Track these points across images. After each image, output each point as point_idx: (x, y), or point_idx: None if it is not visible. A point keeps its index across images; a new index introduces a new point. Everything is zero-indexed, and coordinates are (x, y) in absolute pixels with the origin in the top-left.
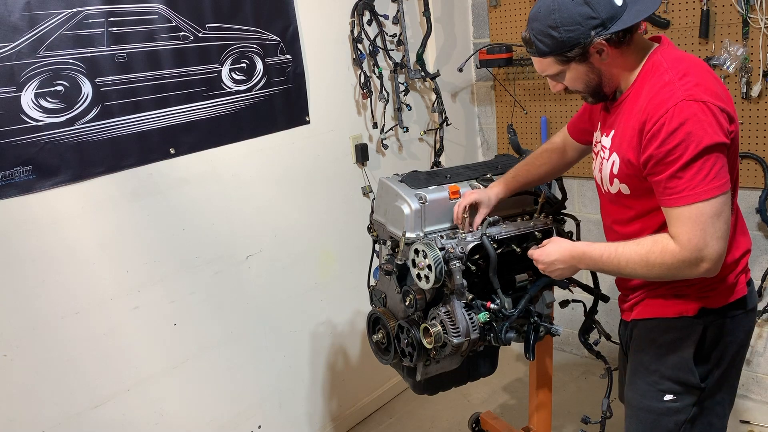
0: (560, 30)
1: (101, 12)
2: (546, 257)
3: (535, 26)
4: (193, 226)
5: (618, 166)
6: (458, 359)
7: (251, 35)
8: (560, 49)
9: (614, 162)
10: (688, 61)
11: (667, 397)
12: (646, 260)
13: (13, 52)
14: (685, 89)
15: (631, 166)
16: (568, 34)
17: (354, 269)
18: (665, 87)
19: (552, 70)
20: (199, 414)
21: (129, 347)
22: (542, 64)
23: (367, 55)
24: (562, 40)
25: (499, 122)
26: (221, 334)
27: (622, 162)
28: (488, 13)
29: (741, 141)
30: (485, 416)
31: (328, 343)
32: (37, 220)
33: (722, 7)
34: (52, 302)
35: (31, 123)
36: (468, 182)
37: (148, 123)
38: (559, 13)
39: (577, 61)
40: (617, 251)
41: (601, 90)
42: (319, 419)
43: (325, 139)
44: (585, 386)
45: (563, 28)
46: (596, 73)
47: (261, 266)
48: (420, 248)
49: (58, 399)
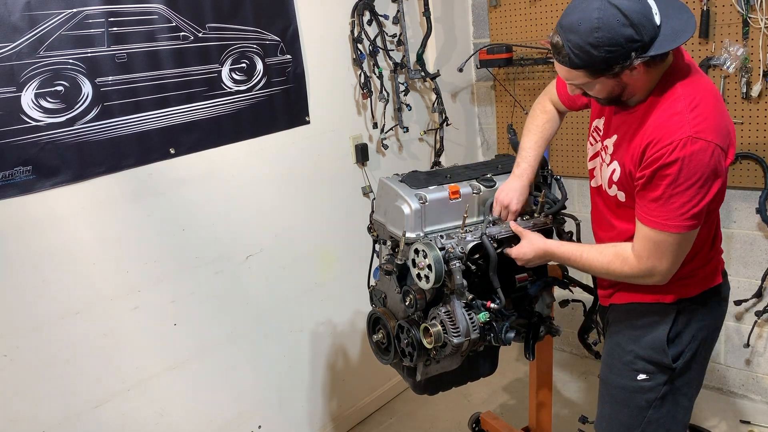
0: (601, 50)
1: (101, 12)
2: (523, 255)
3: (571, 38)
4: (193, 226)
5: (618, 174)
6: (458, 359)
7: (251, 35)
8: (596, 66)
9: (614, 170)
10: (701, 89)
11: (641, 376)
12: (606, 268)
13: (13, 52)
14: (694, 124)
15: (631, 178)
16: (609, 54)
17: (354, 269)
18: (675, 116)
19: (579, 80)
20: (199, 414)
21: (129, 347)
22: (570, 73)
23: (367, 55)
24: (600, 59)
25: (499, 122)
26: (221, 334)
27: (623, 173)
28: (488, 13)
29: (741, 141)
30: (485, 416)
31: (328, 343)
32: (37, 220)
33: (722, 7)
34: (52, 302)
35: (31, 123)
36: (468, 182)
37: (148, 123)
38: (603, 32)
39: (606, 76)
40: (582, 256)
41: (619, 99)
42: (319, 419)
43: (325, 139)
44: (585, 386)
45: (604, 48)
46: (621, 86)
47: (261, 266)
48: (420, 248)
49: (58, 399)
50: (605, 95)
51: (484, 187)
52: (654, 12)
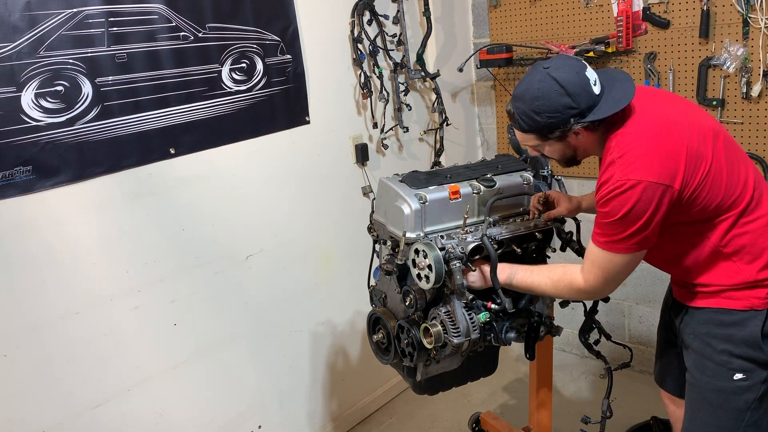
0: (542, 116)
1: (101, 12)
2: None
3: (519, 106)
4: (193, 226)
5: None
6: (458, 359)
7: (251, 35)
8: (541, 131)
9: None
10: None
11: (737, 375)
12: (554, 288)
13: (13, 52)
14: (622, 169)
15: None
16: (549, 120)
17: (354, 269)
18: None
19: (531, 143)
20: (199, 414)
21: (129, 347)
22: (523, 137)
23: (367, 55)
24: (543, 125)
25: (499, 122)
26: (221, 334)
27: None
28: (488, 13)
29: (741, 141)
30: (485, 416)
31: (328, 343)
32: (37, 220)
33: (722, 7)
34: (52, 302)
35: (31, 123)
36: (468, 182)
37: (148, 123)
38: (543, 101)
39: (554, 140)
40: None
41: (574, 160)
42: (319, 419)
43: (325, 139)
44: (585, 386)
45: (545, 114)
46: (571, 149)
47: (261, 266)
48: (420, 248)
49: (58, 399)
50: (558, 156)
51: (484, 187)
52: (592, 83)
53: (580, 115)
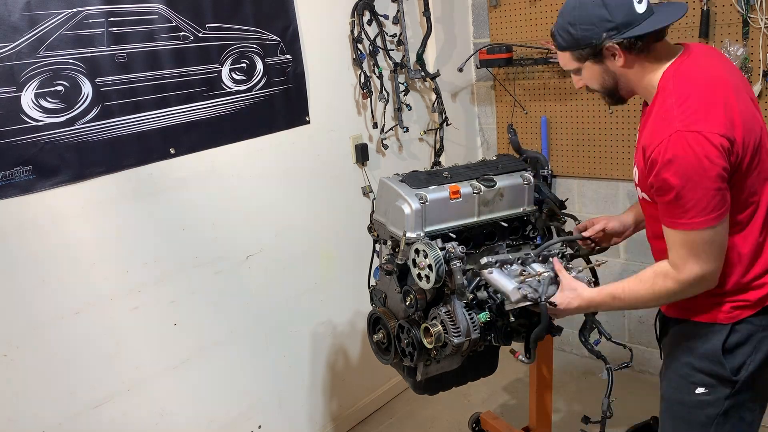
0: (576, 27)
1: (101, 12)
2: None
3: (559, 21)
4: (193, 226)
5: (637, 176)
6: (458, 359)
7: (251, 35)
8: (574, 46)
9: (635, 172)
10: (694, 81)
11: (699, 390)
12: (652, 291)
13: (13, 52)
14: (682, 118)
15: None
16: (583, 32)
17: (354, 269)
18: (665, 113)
19: (570, 65)
20: (199, 414)
21: (129, 347)
22: (562, 58)
23: (367, 55)
24: (577, 37)
25: (499, 122)
26: (221, 334)
27: (640, 174)
28: (488, 13)
29: None
30: (485, 416)
31: (328, 343)
32: (37, 220)
33: (722, 7)
34: (52, 302)
35: (31, 123)
36: (468, 182)
37: (148, 123)
38: (578, 11)
39: (591, 61)
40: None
41: (616, 93)
42: (319, 419)
43: (325, 139)
44: (585, 386)
45: (579, 26)
46: (611, 75)
47: (261, 266)
48: (421, 248)
49: (58, 399)
50: (598, 85)
51: (484, 187)
52: (636, 1)
53: (616, 30)
